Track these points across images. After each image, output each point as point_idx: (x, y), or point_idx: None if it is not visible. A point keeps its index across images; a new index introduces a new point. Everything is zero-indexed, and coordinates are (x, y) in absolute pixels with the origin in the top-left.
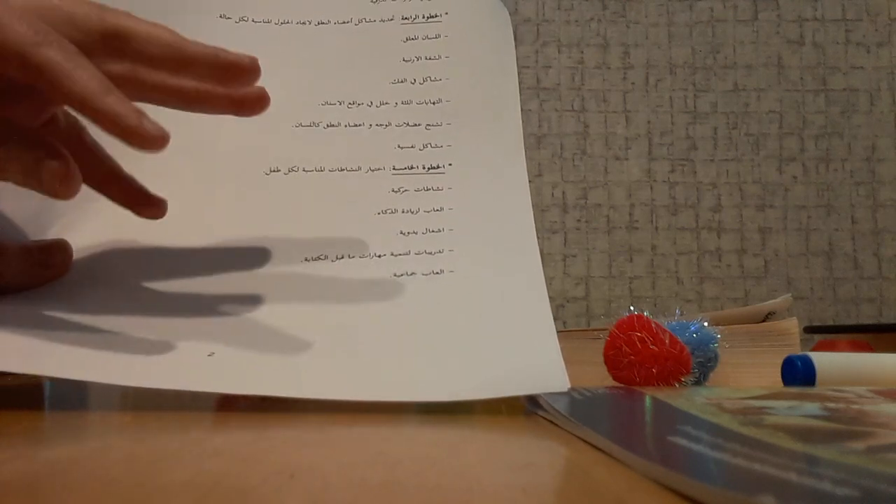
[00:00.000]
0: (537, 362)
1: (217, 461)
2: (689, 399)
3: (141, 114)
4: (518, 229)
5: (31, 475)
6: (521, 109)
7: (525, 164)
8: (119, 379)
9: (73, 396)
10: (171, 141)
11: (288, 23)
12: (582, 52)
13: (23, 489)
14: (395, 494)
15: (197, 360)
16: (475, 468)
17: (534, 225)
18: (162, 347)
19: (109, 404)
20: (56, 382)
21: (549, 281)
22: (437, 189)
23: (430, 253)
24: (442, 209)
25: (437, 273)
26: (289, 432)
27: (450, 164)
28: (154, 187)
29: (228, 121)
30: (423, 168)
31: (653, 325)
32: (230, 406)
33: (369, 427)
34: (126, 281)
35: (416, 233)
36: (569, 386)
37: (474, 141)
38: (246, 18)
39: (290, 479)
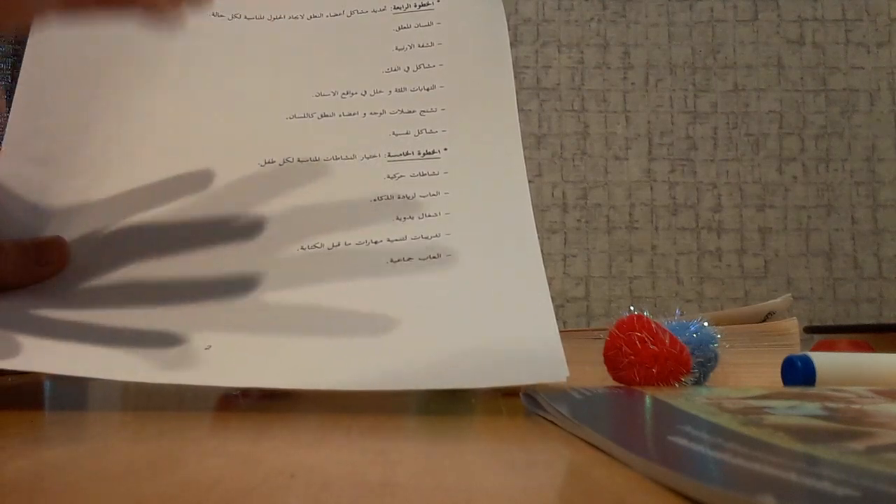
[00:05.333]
0: (537, 351)
1: (217, 461)
2: (689, 399)
3: None
4: (515, 212)
5: (31, 475)
6: (521, 109)
7: (521, 148)
8: (116, 374)
9: (73, 396)
10: (165, 135)
11: (280, 17)
12: (582, 52)
13: (23, 489)
14: (395, 494)
15: (194, 354)
16: (475, 468)
17: (531, 207)
18: (159, 342)
19: (109, 404)
20: (56, 382)
21: (550, 281)
22: (433, 174)
23: (427, 237)
24: (438, 193)
25: (435, 258)
26: (289, 432)
27: (445, 149)
28: (148, 181)
29: (223, 113)
30: (419, 154)
31: (653, 325)
32: (230, 406)
33: (369, 427)
34: (122, 276)
35: (412, 218)
36: (568, 374)
37: (469, 125)
38: (238, 15)
39: (290, 479)
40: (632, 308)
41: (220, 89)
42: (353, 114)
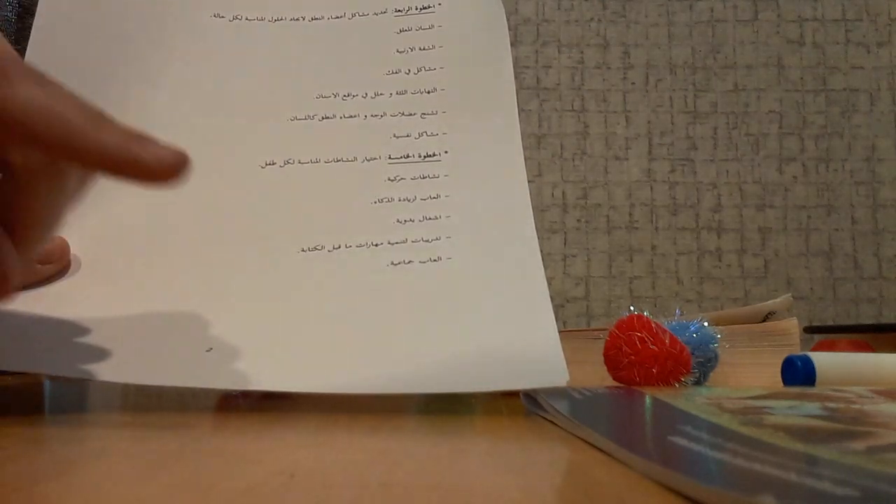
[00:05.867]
0: (537, 354)
1: (217, 461)
2: (689, 399)
3: (140, 137)
4: (516, 215)
5: (31, 475)
6: (521, 109)
7: (521, 150)
8: (118, 376)
9: (73, 396)
10: (166, 136)
11: (282, 19)
12: (582, 52)
13: (23, 489)
14: (395, 494)
15: (195, 357)
16: (475, 468)
17: (531, 210)
18: (160, 344)
19: (109, 404)
20: (56, 382)
21: (549, 281)
22: (434, 177)
23: (428, 241)
24: (438, 196)
25: (435, 261)
26: (289, 432)
27: (445, 152)
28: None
29: (224, 115)
30: (419, 156)
31: (653, 325)
32: (230, 406)
33: (369, 427)
34: (123, 278)
35: (412, 221)
36: (568, 378)
37: (470, 128)
38: (239, 17)
39: (290, 479)
40: (632, 308)
41: (221, 91)
42: (354, 116)
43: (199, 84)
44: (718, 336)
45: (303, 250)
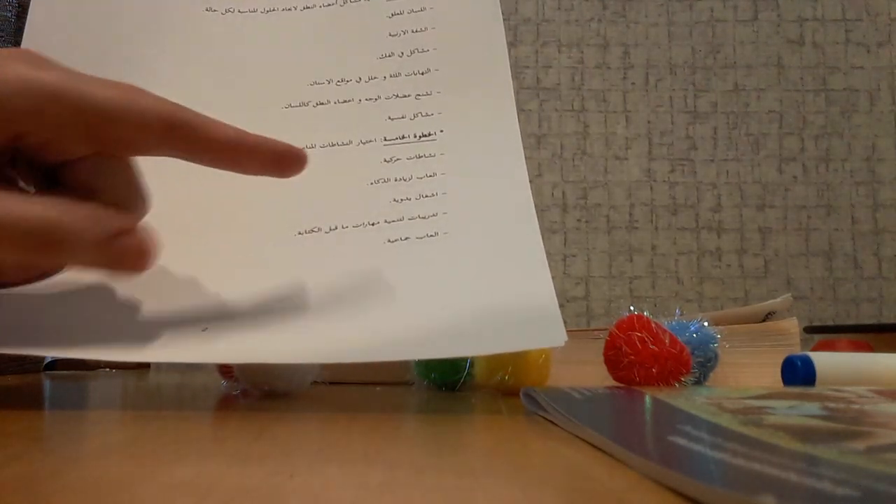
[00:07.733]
0: (536, 317)
1: (217, 461)
2: (689, 399)
3: (274, 140)
4: (513, 188)
5: (31, 475)
6: (521, 109)
7: (517, 126)
8: (116, 355)
9: (73, 396)
10: None
11: (274, 10)
12: (582, 52)
13: (23, 489)
14: (395, 494)
15: (191, 335)
16: (475, 468)
17: (528, 182)
18: (157, 325)
19: (109, 404)
20: (56, 381)
21: None
22: (430, 156)
23: (424, 217)
24: (434, 175)
25: (432, 236)
26: (289, 432)
27: (441, 131)
28: (148, 172)
29: (218, 108)
30: (415, 136)
31: (653, 325)
32: (230, 406)
33: (369, 427)
34: None
35: (409, 199)
36: (566, 339)
37: (465, 106)
38: (232, 9)
39: (290, 479)
40: (632, 308)
41: (215, 83)
42: (349, 100)
43: (194, 78)
44: (718, 336)
45: (299, 233)
